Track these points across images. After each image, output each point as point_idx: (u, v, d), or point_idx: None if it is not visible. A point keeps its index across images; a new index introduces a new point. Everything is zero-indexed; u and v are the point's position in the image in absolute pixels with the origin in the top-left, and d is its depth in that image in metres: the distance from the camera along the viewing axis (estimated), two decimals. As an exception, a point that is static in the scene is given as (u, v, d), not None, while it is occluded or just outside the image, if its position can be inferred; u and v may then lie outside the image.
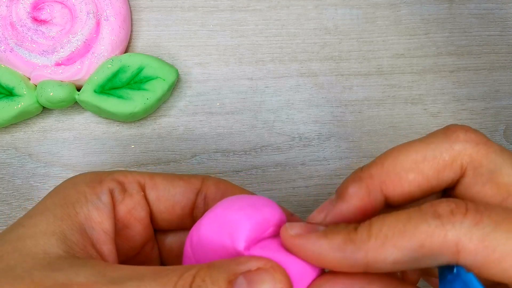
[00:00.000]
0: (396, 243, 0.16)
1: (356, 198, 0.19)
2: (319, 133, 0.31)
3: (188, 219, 0.23)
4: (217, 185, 0.23)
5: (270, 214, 0.19)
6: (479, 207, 0.16)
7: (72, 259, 0.18)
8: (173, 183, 0.23)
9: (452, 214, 0.16)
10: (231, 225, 0.18)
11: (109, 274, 0.17)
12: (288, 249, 0.18)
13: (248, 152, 0.31)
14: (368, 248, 0.16)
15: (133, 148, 0.31)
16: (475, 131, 0.19)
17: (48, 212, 0.20)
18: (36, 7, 0.30)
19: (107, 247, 0.21)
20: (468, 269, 0.16)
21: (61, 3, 0.30)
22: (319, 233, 0.18)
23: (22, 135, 0.31)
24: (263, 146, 0.31)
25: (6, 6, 0.30)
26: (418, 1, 0.33)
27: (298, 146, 0.31)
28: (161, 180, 0.23)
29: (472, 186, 0.19)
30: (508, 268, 0.16)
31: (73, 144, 0.31)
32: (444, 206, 0.16)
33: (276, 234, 0.19)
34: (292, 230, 0.18)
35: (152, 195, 0.23)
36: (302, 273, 0.18)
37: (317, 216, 0.20)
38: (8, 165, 0.31)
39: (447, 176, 0.19)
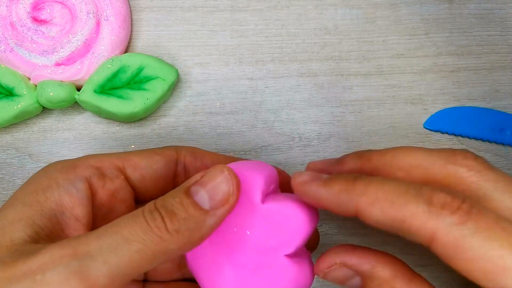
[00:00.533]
0: (383, 208, 0.18)
1: (351, 169, 0.22)
2: (319, 133, 0.31)
3: (171, 187, 0.23)
4: (193, 153, 0.25)
5: (272, 172, 0.22)
6: (472, 209, 0.17)
7: (35, 244, 0.19)
8: (152, 160, 0.24)
9: (442, 207, 0.17)
10: (246, 182, 0.20)
11: (75, 244, 0.18)
12: (296, 194, 0.20)
13: (248, 152, 0.31)
14: (359, 202, 0.18)
15: (133, 148, 0.31)
16: (476, 158, 0.20)
17: (17, 202, 0.20)
18: (36, 7, 0.30)
19: (77, 233, 0.21)
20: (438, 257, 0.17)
21: (61, 3, 0.30)
22: (321, 181, 0.20)
23: (22, 135, 0.31)
24: (263, 146, 0.31)
25: (6, 6, 0.30)
26: (418, 1, 0.33)
27: (298, 146, 0.31)
28: (139, 160, 0.24)
29: None
30: (473, 270, 0.17)
31: (73, 144, 0.31)
32: (441, 196, 0.17)
33: (276, 189, 0.22)
34: (300, 178, 0.20)
35: (135, 175, 0.24)
36: (309, 215, 0.20)
37: (318, 164, 0.23)
38: (8, 165, 0.31)
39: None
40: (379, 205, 0.18)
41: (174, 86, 0.31)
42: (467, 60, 0.33)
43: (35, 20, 0.30)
